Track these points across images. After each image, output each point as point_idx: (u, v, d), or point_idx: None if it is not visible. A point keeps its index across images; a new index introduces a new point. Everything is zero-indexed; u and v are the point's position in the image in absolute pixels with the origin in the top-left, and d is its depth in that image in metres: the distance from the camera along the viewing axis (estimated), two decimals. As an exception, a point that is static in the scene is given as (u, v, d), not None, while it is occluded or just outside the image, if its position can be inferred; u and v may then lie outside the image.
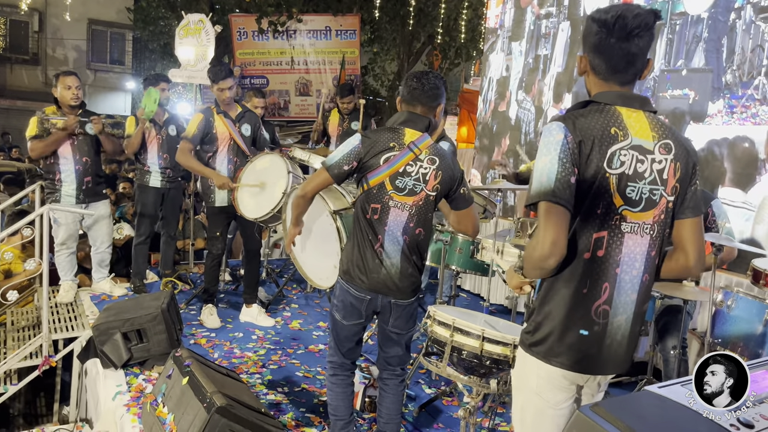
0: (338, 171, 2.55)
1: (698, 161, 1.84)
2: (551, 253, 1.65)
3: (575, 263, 1.74)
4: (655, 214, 1.76)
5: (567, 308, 1.75)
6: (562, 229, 1.66)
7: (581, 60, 1.84)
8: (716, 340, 3.15)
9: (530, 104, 6.32)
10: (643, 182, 1.73)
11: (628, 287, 1.77)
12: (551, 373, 1.79)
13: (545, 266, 1.68)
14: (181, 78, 6.54)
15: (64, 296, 4.90)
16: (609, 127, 1.71)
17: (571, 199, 1.67)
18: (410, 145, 2.55)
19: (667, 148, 1.76)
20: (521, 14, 6.58)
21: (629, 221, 1.73)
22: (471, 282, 6.39)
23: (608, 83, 1.80)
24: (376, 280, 2.59)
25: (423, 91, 2.61)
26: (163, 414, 2.84)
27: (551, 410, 1.83)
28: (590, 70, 1.82)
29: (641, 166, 1.72)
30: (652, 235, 1.77)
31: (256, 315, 4.80)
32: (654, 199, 1.75)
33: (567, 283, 1.76)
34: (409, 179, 2.55)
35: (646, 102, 1.80)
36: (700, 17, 4.56)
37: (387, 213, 2.55)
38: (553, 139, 1.69)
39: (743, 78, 4.25)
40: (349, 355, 2.79)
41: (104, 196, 5.06)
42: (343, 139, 5.87)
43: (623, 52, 1.73)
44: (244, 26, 13.68)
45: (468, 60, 16.06)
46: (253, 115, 4.73)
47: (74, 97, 4.68)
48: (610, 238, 1.73)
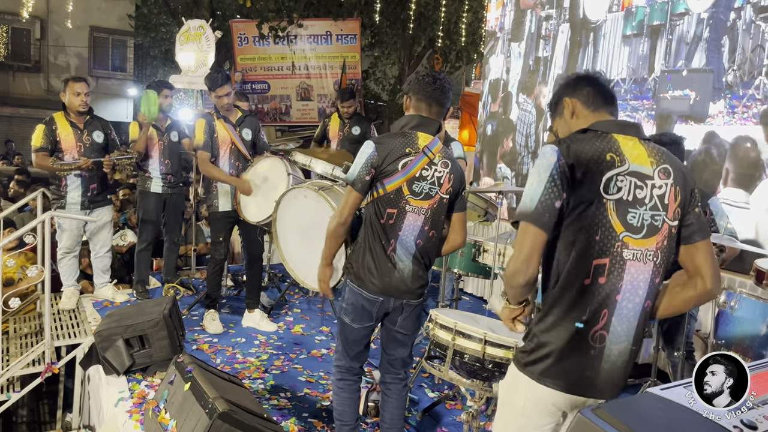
0: (362, 184, 2.54)
1: (696, 186, 1.85)
2: (521, 270, 1.70)
3: (575, 289, 1.74)
4: (658, 240, 1.75)
5: (565, 334, 1.75)
6: (535, 250, 1.70)
7: (567, 103, 1.90)
8: (720, 341, 3.13)
9: (531, 106, 6.32)
10: (644, 208, 1.73)
11: (630, 315, 1.76)
12: (541, 398, 1.79)
13: (514, 283, 1.73)
14: (182, 84, 6.54)
15: (66, 303, 4.90)
16: (605, 152, 1.72)
17: (549, 223, 1.70)
18: (424, 150, 2.55)
19: (666, 173, 1.76)
20: (521, 16, 6.58)
21: (631, 248, 1.73)
22: (473, 285, 6.38)
23: (599, 113, 1.85)
24: (388, 283, 2.59)
25: (442, 92, 2.61)
26: (165, 420, 2.84)
27: (534, 430, 1.83)
28: (580, 104, 1.87)
29: (641, 192, 1.73)
30: (655, 262, 1.76)
31: (259, 320, 4.79)
32: (656, 225, 1.75)
33: (565, 309, 1.76)
34: (425, 183, 2.55)
35: (640, 129, 1.83)
36: (700, 17, 4.56)
37: (403, 217, 2.55)
38: (546, 162, 1.72)
39: (744, 78, 4.24)
40: (357, 359, 2.78)
41: (108, 201, 5.07)
42: (344, 143, 5.94)
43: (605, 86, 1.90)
44: (245, 32, 13.71)
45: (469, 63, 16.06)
46: (253, 119, 4.74)
47: (82, 104, 4.70)
48: (612, 265, 1.72)
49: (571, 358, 1.75)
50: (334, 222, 2.63)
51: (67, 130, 4.70)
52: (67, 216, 4.68)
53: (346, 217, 2.60)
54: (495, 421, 1.98)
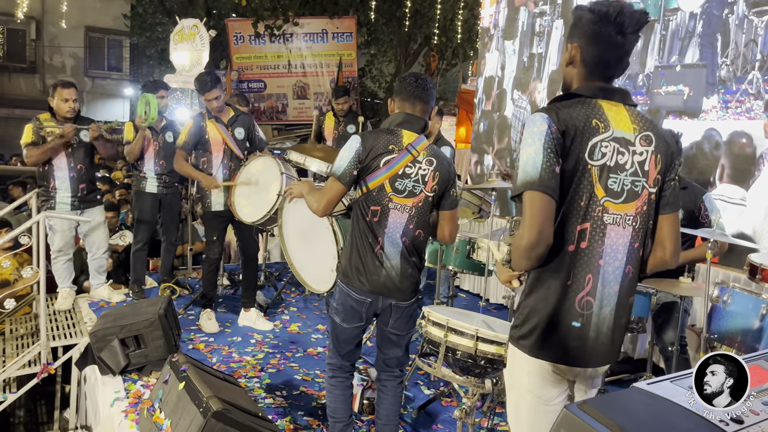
0: (349, 178, 2.54)
1: (680, 154, 1.84)
2: (538, 241, 1.66)
3: (560, 255, 1.74)
4: (638, 206, 1.77)
5: (552, 301, 1.75)
6: (548, 218, 1.67)
7: (570, 49, 1.82)
8: (713, 335, 3.14)
9: (526, 103, 6.32)
10: (625, 174, 1.74)
11: (611, 279, 1.76)
12: (541, 368, 1.79)
13: (532, 255, 1.69)
14: (177, 83, 6.56)
15: (62, 303, 4.90)
16: (590, 118, 1.72)
17: (556, 188, 1.68)
18: (408, 147, 2.56)
19: (647, 140, 1.77)
20: (514, 13, 6.58)
21: (611, 212, 1.74)
22: (470, 282, 6.39)
23: (593, 77, 1.80)
24: (376, 282, 2.59)
25: (424, 89, 2.63)
26: (160, 420, 2.84)
27: (544, 407, 1.82)
28: (579, 60, 1.81)
29: (622, 158, 1.74)
30: (634, 226, 1.77)
31: (255, 319, 4.79)
32: (636, 190, 1.76)
33: (551, 276, 1.76)
34: (408, 181, 2.55)
35: (627, 95, 1.81)
36: (693, 12, 4.56)
37: (387, 215, 2.56)
38: (537, 129, 1.70)
39: (737, 73, 4.24)
40: (348, 358, 2.79)
41: (98, 202, 5.06)
42: (339, 142, 5.93)
43: (618, 46, 1.75)
44: (241, 30, 13.70)
45: (465, 60, 16.06)
46: (246, 117, 4.73)
47: (70, 110, 4.67)
48: (593, 229, 1.73)
49: (561, 328, 1.75)
50: (313, 207, 2.61)
51: (55, 131, 4.67)
52: (60, 216, 4.66)
53: (324, 207, 2.57)
54: (508, 409, 1.97)
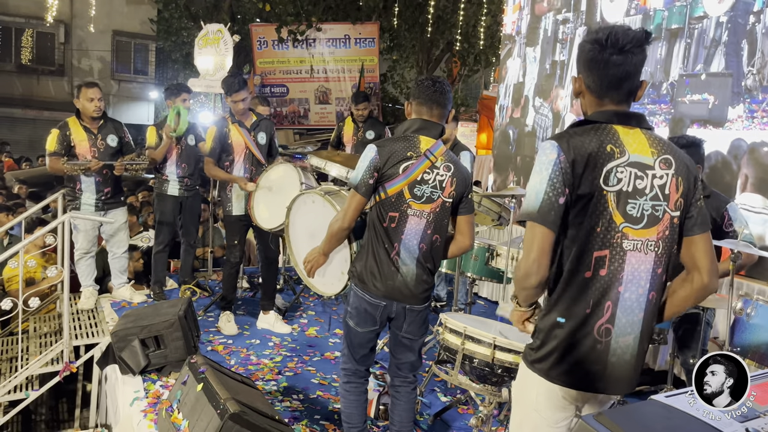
0: (366, 188, 2.56)
1: (699, 176, 1.82)
2: (532, 271, 1.69)
3: (577, 282, 1.73)
4: (659, 231, 1.74)
5: (569, 327, 1.74)
6: (544, 249, 1.69)
7: (575, 81, 1.85)
8: (736, 348, 3.09)
9: (548, 110, 6.29)
10: (644, 198, 1.72)
11: (634, 306, 1.74)
12: (551, 391, 1.78)
13: (526, 285, 1.73)
14: (201, 87, 6.62)
15: (85, 303, 4.97)
16: (605, 144, 1.71)
17: (556, 220, 1.69)
18: (426, 153, 2.56)
19: (667, 163, 1.75)
20: (536, 21, 6.56)
21: (631, 238, 1.72)
22: (488, 289, 6.36)
23: (603, 102, 1.79)
24: (391, 287, 2.59)
25: (442, 93, 2.62)
26: (178, 420, 2.87)
27: (549, 428, 1.82)
28: (585, 89, 1.82)
29: (641, 182, 1.72)
30: (657, 252, 1.75)
31: (273, 322, 4.82)
32: (657, 215, 1.74)
33: (569, 302, 1.75)
34: (426, 187, 2.56)
35: (642, 119, 1.80)
36: (719, 21, 4.51)
37: (405, 221, 2.57)
38: (546, 158, 1.71)
39: (763, 82, 4.18)
40: (362, 363, 2.79)
41: (122, 203, 5.14)
42: (358, 148, 5.94)
43: (617, 67, 1.73)
44: (264, 35, 13.82)
45: (487, 66, 16.03)
46: (268, 122, 4.78)
47: (96, 109, 4.76)
48: (612, 256, 1.72)
49: (578, 354, 1.74)
50: (336, 225, 2.66)
51: (81, 135, 4.76)
52: (84, 217, 4.74)
53: (349, 221, 2.62)
54: (511, 422, 1.97)
